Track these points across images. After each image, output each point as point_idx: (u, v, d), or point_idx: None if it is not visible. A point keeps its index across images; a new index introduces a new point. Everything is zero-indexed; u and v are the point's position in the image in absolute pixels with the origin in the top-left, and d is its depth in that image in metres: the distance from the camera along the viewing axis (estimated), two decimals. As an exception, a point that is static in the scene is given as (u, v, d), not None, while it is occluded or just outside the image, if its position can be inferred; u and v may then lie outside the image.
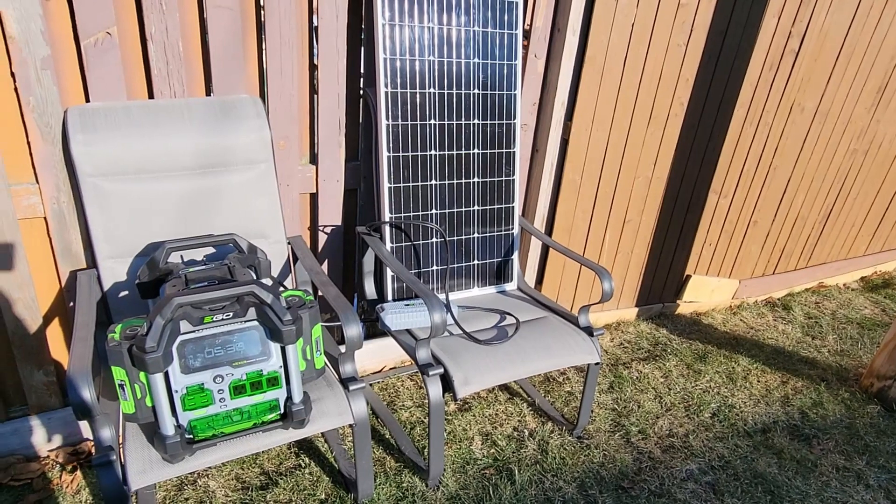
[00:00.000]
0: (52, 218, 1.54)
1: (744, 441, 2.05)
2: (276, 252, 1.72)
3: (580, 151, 2.20)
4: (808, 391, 2.36)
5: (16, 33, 1.35)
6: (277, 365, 1.29)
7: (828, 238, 3.20)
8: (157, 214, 1.54)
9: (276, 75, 1.68)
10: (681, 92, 2.27)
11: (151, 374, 1.16)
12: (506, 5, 1.82)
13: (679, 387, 2.31)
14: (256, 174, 1.64)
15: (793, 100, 2.53)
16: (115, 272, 1.53)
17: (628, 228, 2.50)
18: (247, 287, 1.22)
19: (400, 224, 1.82)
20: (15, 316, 1.58)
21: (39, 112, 1.43)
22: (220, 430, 1.27)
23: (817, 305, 3.13)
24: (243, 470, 1.73)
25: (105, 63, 1.47)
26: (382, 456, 1.84)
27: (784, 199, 2.83)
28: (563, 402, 2.16)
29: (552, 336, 1.75)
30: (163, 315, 1.15)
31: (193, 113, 1.55)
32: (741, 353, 2.60)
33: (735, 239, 2.81)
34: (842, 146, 2.85)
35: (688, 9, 2.11)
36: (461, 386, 1.55)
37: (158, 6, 1.47)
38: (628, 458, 1.92)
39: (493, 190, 1.94)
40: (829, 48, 2.48)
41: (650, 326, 2.74)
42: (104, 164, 1.45)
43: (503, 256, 2.02)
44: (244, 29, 1.62)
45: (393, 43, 1.68)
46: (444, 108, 1.80)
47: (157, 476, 1.22)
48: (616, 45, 2.06)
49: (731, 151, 2.51)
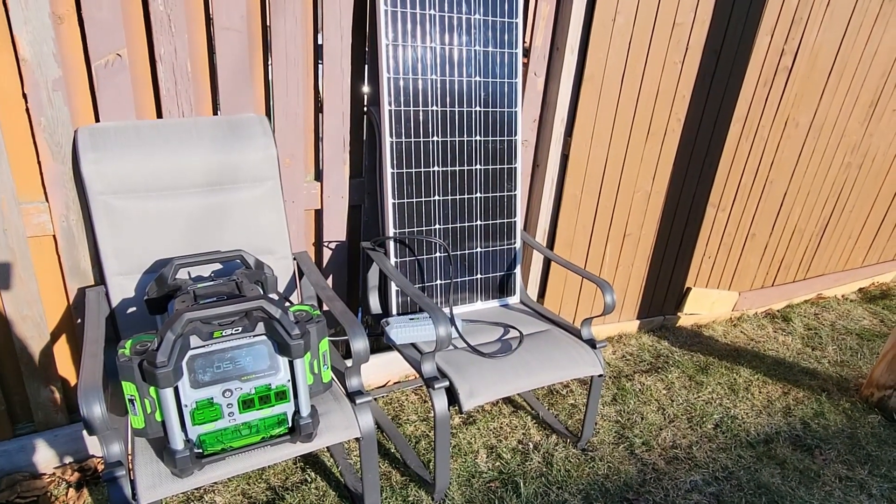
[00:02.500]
0: (62, 236, 1.56)
1: (747, 452, 2.05)
2: (282, 268, 1.74)
3: (580, 166, 2.23)
4: (809, 402, 2.37)
5: (28, 56, 1.39)
6: (285, 379, 1.30)
7: (825, 250, 3.23)
8: (165, 231, 1.56)
9: (281, 94, 1.72)
10: (678, 108, 2.31)
11: (162, 389, 1.17)
12: (506, 25, 1.86)
13: (682, 398, 2.32)
14: (263, 191, 1.66)
15: (787, 115, 2.58)
16: (124, 289, 1.54)
17: (628, 242, 2.52)
18: (256, 302, 1.24)
19: (404, 239, 1.84)
20: (23, 333, 1.60)
21: (50, 132, 1.46)
22: (229, 445, 1.28)
23: (816, 317, 3.15)
24: (249, 485, 1.74)
25: (115, 84, 1.50)
26: (388, 470, 1.84)
27: (781, 211, 2.87)
28: (567, 415, 2.17)
29: (556, 349, 1.77)
30: (173, 330, 1.17)
31: (201, 132, 1.58)
32: (742, 364, 2.61)
33: (734, 251, 2.84)
34: (836, 160, 2.89)
35: (683, 28, 2.16)
36: (467, 399, 1.57)
37: (168, 28, 1.51)
38: (633, 469, 1.93)
39: (496, 205, 1.97)
40: (821, 65, 2.53)
41: (651, 339, 2.76)
42: (114, 182, 1.47)
43: (506, 270, 2.04)
44: (251, 49, 1.66)
45: (396, 62, 1.72)
46: (447, 126, 1.83)
47: (167, 491, 1.22)
48: (614, 64, 2.10)
49: (728, 166, 2.55)
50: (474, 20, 1.81)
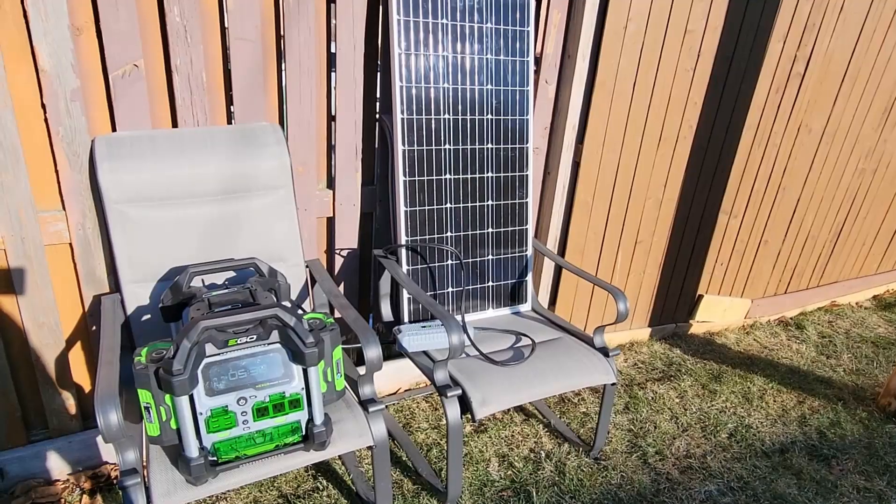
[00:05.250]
0: (78, 244, 1.58)
1: (762, 462, 2.03)
2: (294, 275, 1.74)
3: (591, 173, 2.23)
4: (825, 411, 2.35)
5: (48, 66, 1.40)
6: (299, 387, 1.30)
7: (839, 257, 3.20)
8: (179, 240, 1.57)
9: (295, 103, 1.73)
10: (689, 115, 2.30)
11: (178, 397, 1.18)
12: (518, 34, 1.86)
13: (695, 407, 2.30)
14: (276, 199, 1.67)
15: (800, 121, 2.56)
16: (139, 296, 1.56)
17: (640, 249, 2.51)
18: (271, 310, 1.25)
19: (416, 247, 1.85)
20: (39, 340, 1.61)
21: (68, 141, 1.48)
22: (243, 452, 1.28)
23: (830, 324, 3.12)
24: (261, 493, 1.74)
25: (132, 94, 1.52)
26: (400, 478, 1.83)
27: (794, 218, 2.85)
28: (579, 423, 2.16)
29: (568, 357, 1.76)
30: (189, 338, 1.18)
31: (216, 141, 1.59)
32: (756, 372, 2.59)
33: (746, 259, 2.82)
34: (850, 166, 2.87)
35: (695, 35, 2.16)
36: (479, 407, 1.56)
37: (184, 39, 1.52)
38: (646, 479, 1.91)
39: (507, 212, 1.97)
40: (834, 71, 2.52)
41: (663, 346, 2.74)
42: (129, 191, 1.49)
43: (517, 278, 2.04)
44: (265, 59, 1.67)
45: (409, 71, 1.73)
46: (459, 134, 1.84)
47: (181, 498, 1.23)
48: (625, 70, 2.10)
49: (740, 172, 2.54)
50: (486, 29, 1.82)
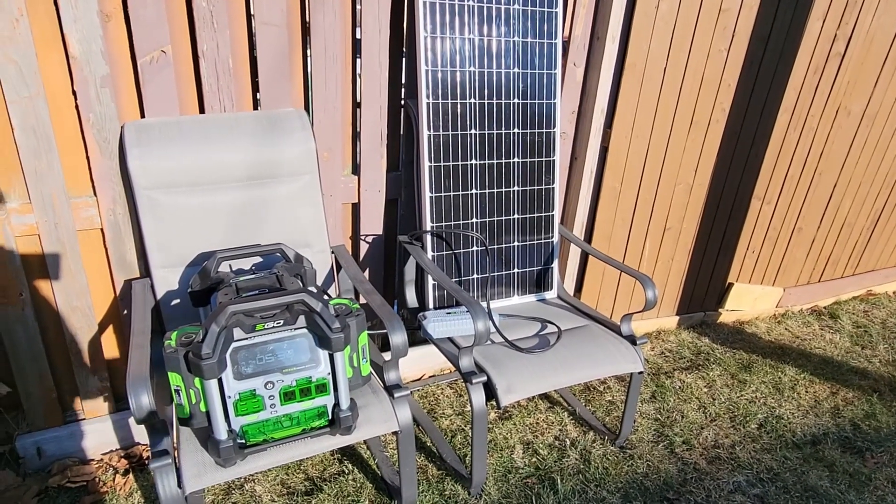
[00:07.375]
0: (109, 229, 1.60)
1: (793, 453, 1.99)
2: (320, 261, 1.75)
3: (620, 159, 2.18)
4: (859, 402, 2.28)
5: (78, 53, 1.42)
6: (326, 372, 1.31)
7: (876, 244, 3.10)
8: (207, 225, 1.59)
9: (320, 88, 1.72)
10: (722, 98, 2.24)
11: (206, 380, 1.19)
12: (545, 15, 1.82)
13: (723, 397, 2.26)
14: (302, 185, 1.67)
15: (839, 104, 2.47)
16: (168, 281, 1.58)
17: (669, 236, 2.46)
18: (298, 295, 1.25)
19: (441, 233, 1.83)
20: (73, 323, 1.65)
21: (98, 128, 1.50)
22: (271, 436, 1.29)
23: (866, 314, 3.03)
24: (288, 475, 1.76)
25: (159, 80, 1.53)
26: (424, 464, 1.84)
27: (830, 204, 2.76)
28: (605, 412, 2.14)
29: (594, 344, 1.74)
30: (218, 323, 1.19)
31: (242, 127, 1.60)
32: (787, 362, 2.53)
33: (779, 246, 2.75)
34: (891, 150, 2.76)
35: (729, 14, 2.08)
36: (504, 394, 1.55)
37: (210, 25, 1.52)
38: (673, 469, 1.89)
39: (533, 198, 1.94)
40: (875, 51, 2.42)
41: (692, 335, 2.69)
42: (159, 177, 1.50)
43: (543, 265, 2.02)
44: (290, 44, 1.66)
45: (434, 55, 1.70)
46: (485, 118, 1.81)
47: (211, 480, 1.25)
48: (656, 52, 2.04)
49: (774, 157, 2.47)
50: (513, 10, 1.78)
